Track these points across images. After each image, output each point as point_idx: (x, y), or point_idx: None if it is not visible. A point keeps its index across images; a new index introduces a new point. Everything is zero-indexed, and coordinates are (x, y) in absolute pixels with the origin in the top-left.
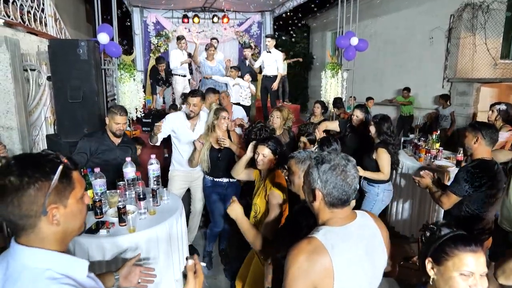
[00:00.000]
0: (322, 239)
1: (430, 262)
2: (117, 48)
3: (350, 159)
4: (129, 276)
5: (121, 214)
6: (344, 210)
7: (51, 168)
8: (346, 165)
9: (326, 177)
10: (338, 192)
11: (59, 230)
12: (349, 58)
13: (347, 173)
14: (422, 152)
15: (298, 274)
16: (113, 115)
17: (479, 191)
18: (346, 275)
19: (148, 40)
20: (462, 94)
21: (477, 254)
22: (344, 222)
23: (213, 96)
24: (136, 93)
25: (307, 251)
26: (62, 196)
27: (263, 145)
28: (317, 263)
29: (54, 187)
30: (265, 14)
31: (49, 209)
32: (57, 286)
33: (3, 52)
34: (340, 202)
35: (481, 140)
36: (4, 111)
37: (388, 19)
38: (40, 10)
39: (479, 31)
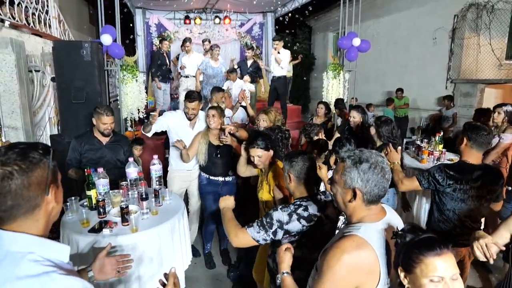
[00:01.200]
0: (364, 235)
1: (402, 272)
2: (120, 49)
3: (383, 156)
4: (104, 269)
5: (124, 214)
6: (377, 206)
7: (44, 150)
8: (383, 162)
9: (368, 177)
10: (378, 189)
11: (53, 211)
12: (351, 59)
13: (385, 169)
14: (425, 153)
15: (342, 274)
16: (99, 116)
17: (446, 188)
18: (386, 267)
19: (150, 41)
20: (466, 95)
21: (443, 257)
22: (379, 218)
23: (218, 95)
24: (138, 94)
25: (352, 249)
26: (56, 176)
27: (254, 147)
28: (363, 262)
29: (51, 166)
30: (267, 15)
31: (51, 188)
32: (40, 267)
33: (9, 53)
34: (379, 198)
35: (467, 142)
36: (10, 112)
37: (390, 19)
38: (45, 12)
39: (483, 31)
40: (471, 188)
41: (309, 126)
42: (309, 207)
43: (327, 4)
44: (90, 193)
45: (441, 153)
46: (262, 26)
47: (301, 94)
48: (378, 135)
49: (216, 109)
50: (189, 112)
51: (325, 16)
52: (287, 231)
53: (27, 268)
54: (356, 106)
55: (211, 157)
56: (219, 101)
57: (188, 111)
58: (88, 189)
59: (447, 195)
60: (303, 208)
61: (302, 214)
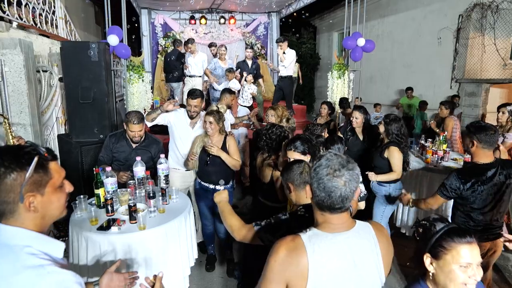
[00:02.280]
0: (306, 240)
1: (428, 258)
2: (127, 49)
3: (349, 167)
4: (112, 284)
5: (131, 212)
6: (335, 217)
7: (27, 160)
8: (340, 170)
9: (314, 174)
10: (321, 194)
11: (38, 216)
12: (356, 59)
13: (333, 183)
14: (429, 153)
15: (275, 266)
16: (127, 123)
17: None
18: (323, 283)
19: (156, 41)
20: (471, 95)
21: (472, 245)
22: (336, 230)
23: (229, 97)
24: (145, 93)
25: (288, 247)
26: (39, 186)
27: (291, 150)
28: (293, 262)
29: (29, 176)
30: (272, 15)
31: (26, 196)
32: (37, 260)
33: (18, 54)
34: (328, 208)
35: (477, 144)
36: (18, 112)
37: (395, 19)
38: (51, 12)
39: (488, 31)
40: (490, 187)
41: (312, 126)
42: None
43: (332, 4)
44: (98, 192)
45: (445, 153)
46: (267, 26)
47: (306, 94)
48: (387, 133)
49: (214, 115)
50: (191, 110)
51: (329, 16)
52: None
53: (24, 260)
54: (358, 106)
55: (201, 163)
56: (229, 103)
57: (190, 109)
58: (97, 188)
59: (468, 198)
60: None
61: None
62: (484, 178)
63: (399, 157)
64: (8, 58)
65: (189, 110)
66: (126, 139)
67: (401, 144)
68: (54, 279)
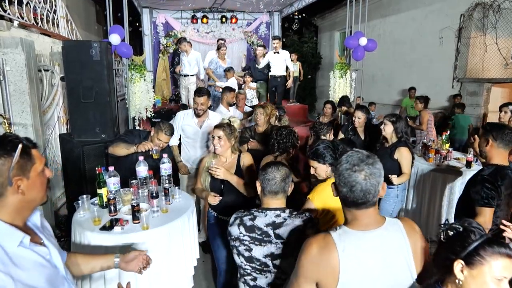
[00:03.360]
0: (336, 238)
1: (460, 264)
2: (128, 48)
3: (369, 161)
4: (132, 262)
5: (134, 212)
6: (363, 213)
7: (11, 147)
8: (359, 164)
9: (338, 173)
10: (345, 190)
11: (23, 199)
12: (358, 58)
13: (356, 173)
14: (431, 152)
15: (306, 263)
16: (158, 131)
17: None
18: (353, 281)
19: (157, 40)
20: (473, 95)
21: (511, 259)
22: (366, 228)
23: (229, 94)
24: (146, 93)
25: (320, 245)
26: (25, 170)
27: (315, 161)
28: (325, 259)
29: (16, 161)
30: (273, 15)
31: (14, 180)
32: None
33: (19, 53)
34: (353, 204)
35: (492, 143)
36: (20, 111)
37: (397, 19)
38: (53, 11)
39: (490, 30)
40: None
41: (319, 125)
42: (257, 218)
43: (334, 3)
44: (101, 191)
45: (448, 152)
46: (268, 26)
47: (307, 93)
48: (396, 132)
49: (224, 128)
50: (198, 107)
51: (331, 16)
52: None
53: None
54: (361, 106)
55: (216, 191)
56: (230, 101)
57: (197, 106)
58: (99, 187)
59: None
60: (251, 216)
61: (245, 222)
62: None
63: (409, 158)
64: (9, 57)
65: (195, 108)
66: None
67: (408, 143)
68: None
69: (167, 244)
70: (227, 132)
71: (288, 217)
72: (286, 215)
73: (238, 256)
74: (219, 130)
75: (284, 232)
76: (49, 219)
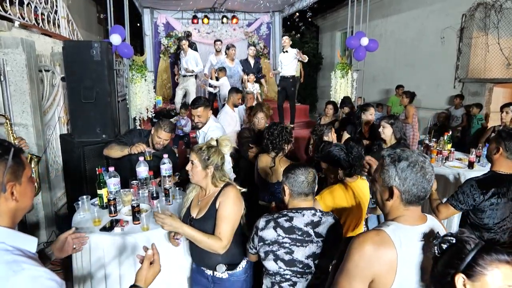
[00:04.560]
0: (391, 233)
1: (461, 277)
2: (129, 49)
3: (426, 156)
4: (64, 247)
5: (135, 213)
6: (416, 209)
7: (4, 151)
8: (424, 162)
9: (405, 175)
10: (417, 189)
11: (14, 207)
12: (359, 58)
13: (426, 170)
14: (433, 153)
15: (360, 262)
16: (158, 128)
17: (484, 204)
18: (407, 274)
19: (158, 41)
20: (474, 95)
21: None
22: (415, 223)
23: (235, 96)
24: (147, 93)
25: (375, 241)
26: (17, 175)
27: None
28: (383, 255)
29: (10, 166)
30: (274, 15)
31: (8, 186)
32: (11, 256)
33: (19, 53)
34: (418, 199)
35: (502, 152)
36: (20, 111)
37: (398, 18)
38: (54, 12)
39: (491, 30)
40: (508, 200)
41: (319, 127)
42: (294, 219)
43: (335, 3)
44: (101, 192)
45: (450, 153)
46: (269, 26)
47: (308, 94)
48: (395, 133)
49: (200, 152)
50: (195, 120)
51: (332, 16)
52: (261, 238)
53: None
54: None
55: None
56: (236, 102)
57: (194, 119)
58: (99, 188)
59: (484, 212)
60: (286, 218)
61: (281, 224)
62: (504, 190)
63: None
64: (10, 58)
65: (193, 121)
66: (147, 143)
67: (407, 144)
68: (29, 275)
69: (168, 245)
70: (202, 158)
71: (323, 216)
72: (320, 214)
73: (275, 261)
74: (193, 153)
75: (323, 230)
76: (49, 220)
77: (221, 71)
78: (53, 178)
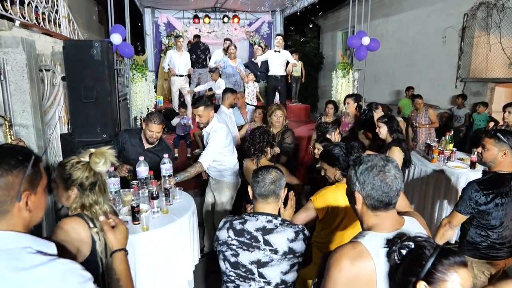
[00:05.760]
0: (367, 244)
1: (423, 286)
2: (130, 48)
3: (389, 159)
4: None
5: (134, 213)
6: (389, 214)
7: (24, 158)
8: (385, 166)
9: (363, 178)
10: (377, 193)
11: (27, 218)
12: (361, 58)
13: (386, 174)
14: (435, 153)
15: (339, 278)
16: (148, 122)
17: (487, 206)
18: (387, 285)
19: (159, 40)
20: (476, 94)
21: (467, 267)
22: (391, 229)
23: (231, 96)
24: (148, 93)
25: (351, 256)
26: (34, 184)
27: (325, 162)
28: (361, 270)
29: (28, 174)
30: (276, 14)
31: (24, 195)
32: (43, 257)
33: (20, 52)
34: (382, 204)
35: (508, 153)
36: (21, 111)
37: (400, 18)
38: (54, 11)
39: (493, 30)
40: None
41: (324, 124)
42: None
43: (336, 3)
44: None
45: (452, 152)
46: (270, 25)
47: (309, 93)
48: (390, 132)
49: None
50: (196, 120)
51: (333, 15)
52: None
53: (31, 259)
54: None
55: None
56: (232, 102)
57: (196, 119)
58: None
59: (489, 214)
60: (241, 220)
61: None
62: (507, 189)
63: (400, 158)
64: (10, 57)
65: (195, 121)
66: (140, 138)
67: (403, 141)
68: (69, 267)
69: (168, 245)
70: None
71: (280, 225)
72: (278, 222)
73: (223, 261)
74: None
75: (274, 239)
76: (50, 219)
77: (214, 71)
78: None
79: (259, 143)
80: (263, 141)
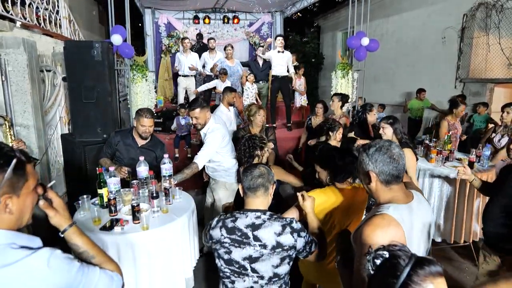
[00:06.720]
0: (393, 214)
1: None
2: (130, 49)
3: (391, 142)
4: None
5: (134, 212)
6: (400, 187)
7: (5, 161)
8: (390, 145)
9: (375, 158)
10: (388, 168)
11: (12, 219)
12: (360, 59)
13: (392, 151)
14: (433, 153)
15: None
16: (139, 117)
17: None
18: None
19: (160, 41)
20: (475, 95)
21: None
22: (406, 201)
23: (230, 95)
24: (148, 93)
25: (384, 225)
26: (16, 187)
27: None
28: (394, 236)
29: (8, 178)
30: (276, 15)
31: (3, 198)
32: (27, 250)
33: (21, 53)
34: (393, 177)
35: None
36: (22, 111)
37: (399, 18)
38: (55, 12)
39: (493, 30)
40: None
41: (333, 121)
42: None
43: (336, 3)
44: (102, 192)
45: (450, 153)
46: (270, 26)
47: (309, 94)
48: (396, 133)
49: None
50: (193, 121)
51: (333, 16)
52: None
53: (15, 254)
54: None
55: None
56: (231, 101)
57: (192, 121)
58: (100, 188)
59: None
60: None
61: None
62: None
63: (414, 160)
64: (11, 58)
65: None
66: (133, 137)
67: (409, 143)
68: (51, 254)
69: (167, 244)
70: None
71: (268, 219)
72: (266, 217)
73: (218, 259)
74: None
75: (263, 234)
76: None
77: (223, 74)
78: (54, 178)
79: (247, 150)
80: (249, 147)
